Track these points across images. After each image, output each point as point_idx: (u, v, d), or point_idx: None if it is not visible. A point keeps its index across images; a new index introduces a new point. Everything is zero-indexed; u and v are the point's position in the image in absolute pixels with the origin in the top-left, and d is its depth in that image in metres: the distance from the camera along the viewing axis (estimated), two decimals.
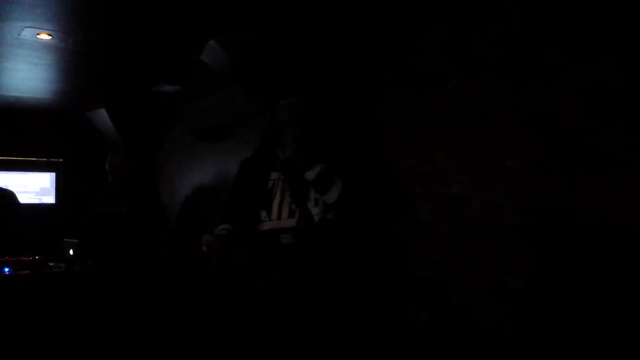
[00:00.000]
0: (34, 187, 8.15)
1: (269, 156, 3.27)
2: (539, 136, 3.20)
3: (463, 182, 3.62)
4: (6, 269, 4.95)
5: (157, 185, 7.70)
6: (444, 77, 3.73)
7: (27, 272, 5.03)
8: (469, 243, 3.56)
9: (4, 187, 5.95)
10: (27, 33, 4.43)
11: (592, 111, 2.96)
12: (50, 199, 8.21)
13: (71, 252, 5.62)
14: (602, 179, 2.92)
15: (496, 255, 3.40)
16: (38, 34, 4.47)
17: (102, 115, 7.49)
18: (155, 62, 5.47)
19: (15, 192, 5.92)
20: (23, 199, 7.82)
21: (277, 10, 4.10)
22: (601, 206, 2.91)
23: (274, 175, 3.21)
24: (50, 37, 4.54)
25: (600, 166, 2.93)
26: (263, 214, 3.10)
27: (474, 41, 3.62)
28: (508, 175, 3.35)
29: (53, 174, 8.24)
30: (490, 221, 3.43)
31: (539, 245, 3.19)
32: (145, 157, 7.67)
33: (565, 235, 3.06)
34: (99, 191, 5.64)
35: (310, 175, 3.00)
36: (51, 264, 5.41)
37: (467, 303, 3.61)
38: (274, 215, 3.07)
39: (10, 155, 7.96)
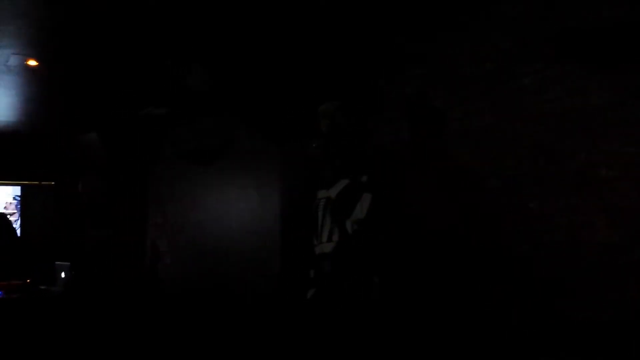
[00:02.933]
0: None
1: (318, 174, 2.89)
2: None
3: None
4: None
5: (146, 207, 7.71)
6: None
7: (17, 295, 5.04)
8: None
9: None
10: (14, 60, 4.49)
11: None
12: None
13: (63, 274, 5.63)
14: None
15: None
16: (26, 61, 4.53)
17: (93, 139, 7.53)
18: (144, 85, 5.52)
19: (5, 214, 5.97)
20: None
21: (271, 29, 4.15)
22: None
23: (320, 193, 2.82)
24: (38, 63, 4.60)
25: None
26: (314, 238, 2.74)
27: None
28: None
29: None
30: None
31: None
32: (134, 179, 7.69)
33: None
34: (85, 215, 5.62)
35: (333, 192, 2.67)
36: (42, 287, 5.42)
37: None
38: (319, 238, 2.69)
39: (2, 179, 8.00)
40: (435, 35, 3.92)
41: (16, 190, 8.19)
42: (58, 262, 5.78)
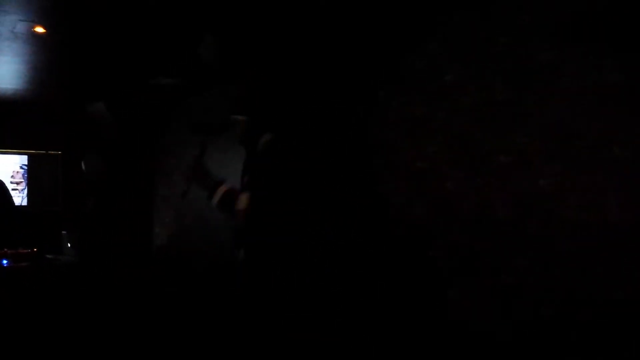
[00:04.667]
0: None
1: None
2: None
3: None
4: (4, 261, 4.98)
5: (153, 178, 7.72)
6: None
7: (26, 264, 5.07)
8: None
9: None
10: (21, 26, 4.44)
11: None
12: None
13: (69, 244, 5.66)
14: None
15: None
16: (33, 28, 4.48)
17: (100, 109, 7.50)
18: (153, 54, 5.47)
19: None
20: None
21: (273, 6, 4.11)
22: None
23: None
24: (45, 30, 4.55)
25: None
26: None
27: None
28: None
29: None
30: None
31: None
32: (141, 149, 7.68)
33: None
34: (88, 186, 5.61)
35: (217, 197, 3.07)
36: (49, 256, 5.45)
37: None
38: None
39: (8, 147, 8.01)
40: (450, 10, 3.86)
41: (23, 159, 8.18)
42: (64, 232, 5.80)
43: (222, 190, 3.06)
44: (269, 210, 2.93)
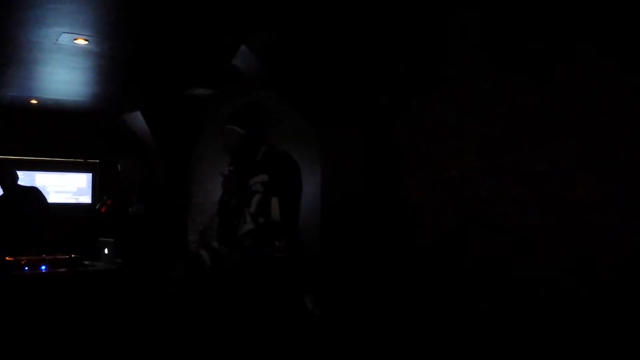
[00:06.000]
0: (71, 188, 8.36)
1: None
2: None
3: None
4: (43, 267, 5.09)
5: (189, 187, 7.81)
6: None
7: (64, 270, 5.17)
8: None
9: (30, 185, 6.19)
10: (64, 38, 4.57)
11: None
12: (87, 199, 8.41)
13: (106, 250, 5.77)
14: None
15: None
16: (75, 39, 4.61)
17: (137, 118, 7.65)
18: (189, 66, 5.58)
19: (40, 190, 6.14)
20: (60, 198, 8.06)
21: (303, 11, 4.16)
22: None
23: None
24: (87, 42, 4.67)
25: None
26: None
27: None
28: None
29: (90, 175, 8.44)
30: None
31: None
32: (177, 158, 7.79)
33: None
34: (125, 192, 5.70)
35: (252, 208, 3.24)
36: (86, 262, 5.55)
37: None
38: (242, 223, 3.37)
39: (48, 156, 8.19)
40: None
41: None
42: (102, 239, 5.90)
43: (257, 198, 3.23)
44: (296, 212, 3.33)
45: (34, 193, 6.03)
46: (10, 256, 5.06)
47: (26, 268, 5.01)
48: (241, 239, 3.35)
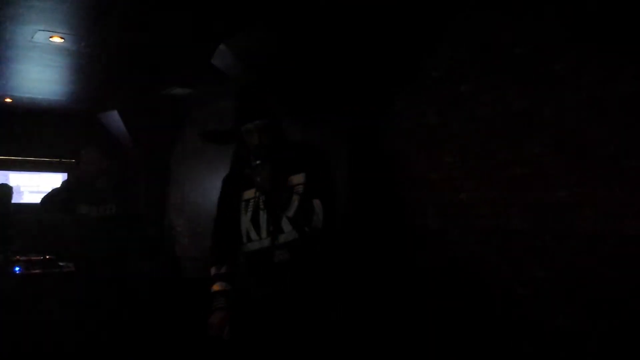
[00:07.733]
0: (46, 187, 8.22)
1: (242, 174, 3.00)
2: None
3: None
4: (17, 268, 5.01)
5: (166, 188, 7.75)
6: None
7: (38, 271, 5.09)
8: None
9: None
10: (40, 36, 4.50)
11: None
12: None
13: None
14: None
15: None
16: (51, 37, 4.54)
17: (114, 117, 7.58)
18: (166, 65, 5.52)
19: (12, 188, 6.05)
20: (35, 198, 7.93)
21: (287, 14, 4.14)
22: None
23: (246, 194, 2.98)
24: (63, 40, 4.60)
25: None
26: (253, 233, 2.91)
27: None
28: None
29: (65, 175, 8.32)
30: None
31: None
32: (155, 158, 7.72)
33: None
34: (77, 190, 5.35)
35: (289, 213, 2.81)
36: (61, 263, 5.47)
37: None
38: (259, 234, 2.87)
39: (23, 155, 8.07)
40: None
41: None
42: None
43: (295, 200, 2.80)
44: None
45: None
46: None
47: None
48: (271, 250, 2.80)
